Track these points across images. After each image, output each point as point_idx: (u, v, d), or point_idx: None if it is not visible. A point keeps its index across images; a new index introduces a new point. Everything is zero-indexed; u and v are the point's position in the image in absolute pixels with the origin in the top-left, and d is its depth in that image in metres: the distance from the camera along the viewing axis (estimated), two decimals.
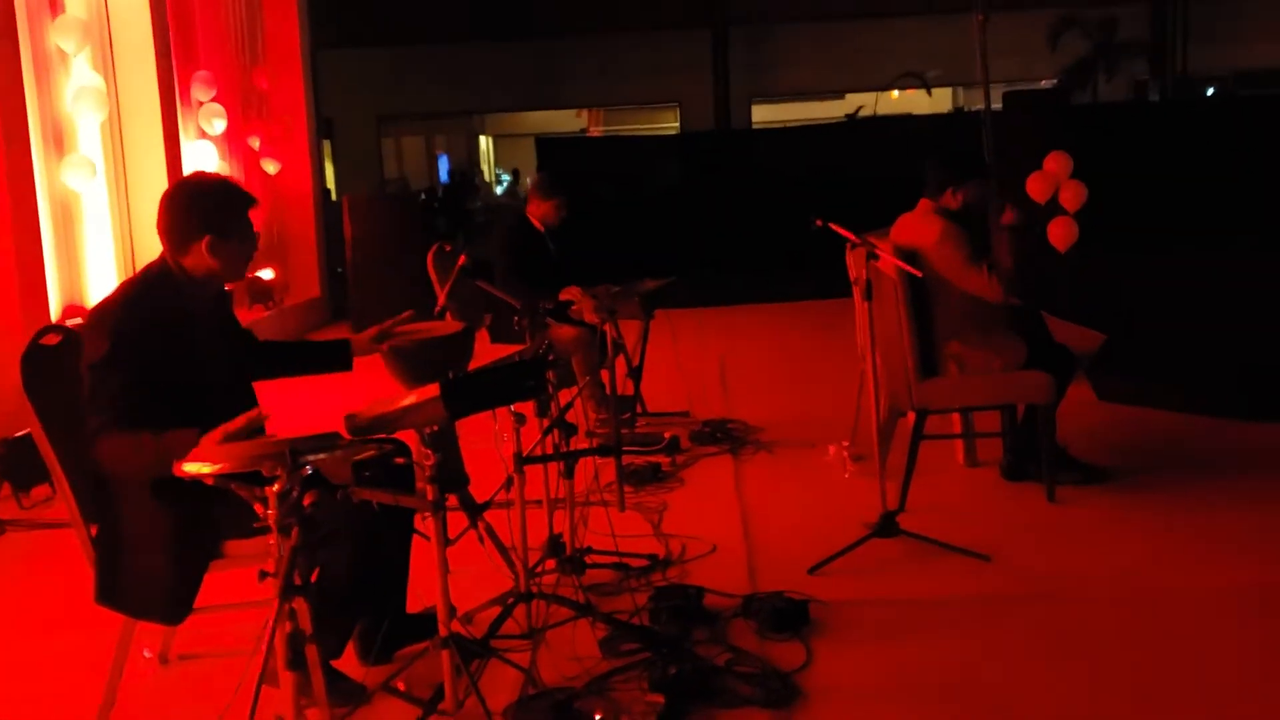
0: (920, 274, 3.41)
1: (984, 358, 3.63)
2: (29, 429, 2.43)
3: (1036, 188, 5.60)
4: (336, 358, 2.82)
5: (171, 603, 2.34)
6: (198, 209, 2.41)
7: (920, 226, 3.68)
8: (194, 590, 2.35)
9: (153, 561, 2.33)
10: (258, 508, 1.95)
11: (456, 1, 16.02)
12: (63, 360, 2.45)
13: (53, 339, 2.50)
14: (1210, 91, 17.35)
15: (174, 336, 2.37)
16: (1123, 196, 9.22)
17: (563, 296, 4.64)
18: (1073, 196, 5.66)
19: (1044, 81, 15.73)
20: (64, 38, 5.74)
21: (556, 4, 16.09)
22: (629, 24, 16.41)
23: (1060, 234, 5.77)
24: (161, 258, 2.46)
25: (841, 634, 2.79)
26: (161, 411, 2.24)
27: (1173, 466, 4.04)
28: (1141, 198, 10.50)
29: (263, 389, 2.68)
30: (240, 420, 2.09)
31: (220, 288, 2.57)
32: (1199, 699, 2.45)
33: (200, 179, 2.55)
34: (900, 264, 3.39)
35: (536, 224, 5.01)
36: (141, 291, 2.40)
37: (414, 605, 2.74)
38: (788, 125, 15.22)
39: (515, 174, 17.12)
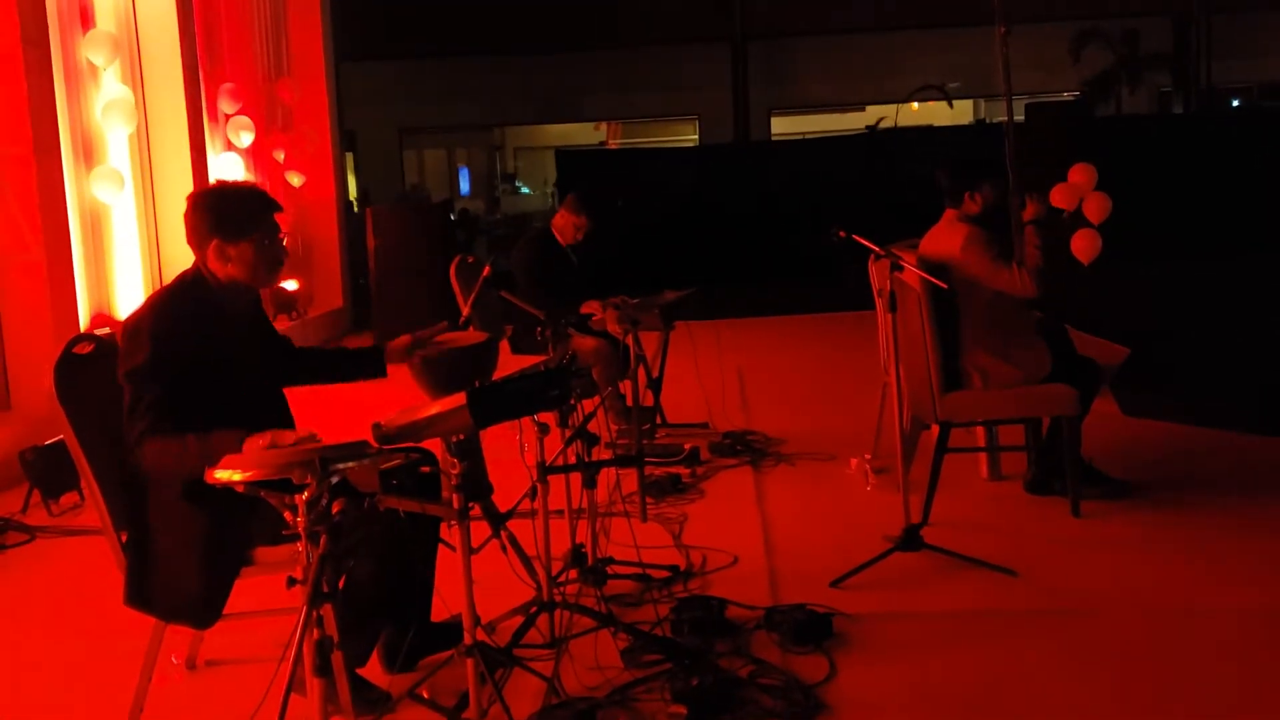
0: (945, 285, 3.40)
1: (1008, 369, 3.62)
2: (59, 437, 2.47)
3: (1061, 199, 5.57)
4: (370, 364, 2.85)
5: (201, 608, 2.36)
6: (202, 213, 2.47)
7: (946, 235, 3.69)
8: (224, 596, 2.38)
9: (184, 566, 2.36)
10: (287, 515, 1.97)
11: (477, 15, 16.14)
12: (96, 368, 2.49)
13: (86, 348, 2.54)
14: (1235, 103, 17.21)
15: (209, 342, 2.41)
16: (1148, 208, 9.15)
17: (583, 310, 4.67)
18: (1097, 208, 5.62)
19: (1066, 94, 15.66)
20: (94, 51, 5.83)
21: (576, 18, 16.19)
22: (648, 37, 16.48)
23: (1084, 246, 5.73)
24: (195, 265, 2.51)
25: (865, 647, 2.78)
26: (196, 416, 2.27)
27: (1199, 482, 4.00)
28: (1167, 210, 10.43)
29: (292, 395, 2.71)
30: (290, 438, 2.12)
31: (254, 293, 2.61)
32: (1222, 717, 2.42)
33: (215, 184, 2.63)
34: (924, 275, 3.39)
35: (558, 236, 5.05)
36: (176, 298, 2.44)
37: (438, 614, 2.76)
38: (807, 137, 15.22)
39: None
